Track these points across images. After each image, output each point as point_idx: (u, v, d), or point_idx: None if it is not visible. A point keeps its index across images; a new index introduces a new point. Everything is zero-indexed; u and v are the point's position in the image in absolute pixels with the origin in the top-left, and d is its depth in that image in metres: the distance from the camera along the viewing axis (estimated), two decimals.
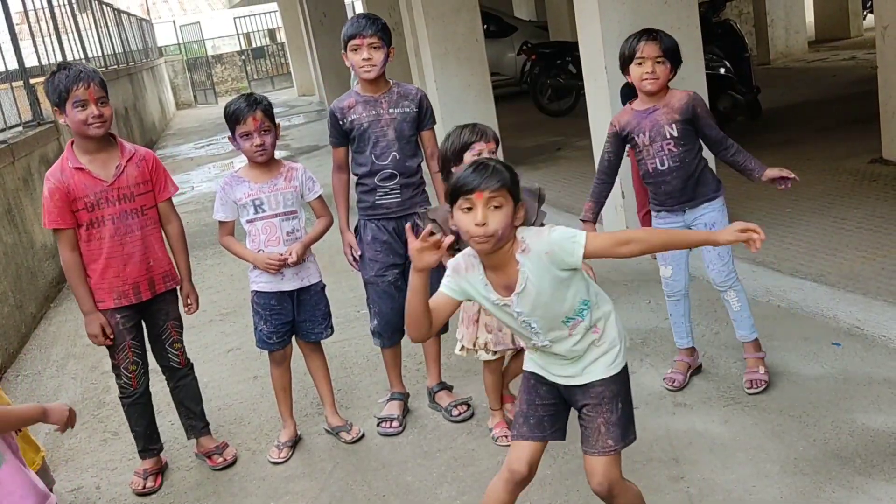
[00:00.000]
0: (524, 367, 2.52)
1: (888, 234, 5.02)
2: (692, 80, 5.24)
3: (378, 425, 3.70)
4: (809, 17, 15.20)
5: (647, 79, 3.35)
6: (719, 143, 3.48)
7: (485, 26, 9.15)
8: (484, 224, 2.15)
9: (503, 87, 13.43)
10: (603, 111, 5.49)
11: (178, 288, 3.56)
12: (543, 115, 11.76)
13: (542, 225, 3.43)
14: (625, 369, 2.44)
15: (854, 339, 3.81)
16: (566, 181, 7.77)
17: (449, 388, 3.84)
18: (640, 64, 3.34)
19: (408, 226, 2.36)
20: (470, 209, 2.16)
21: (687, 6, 5.19)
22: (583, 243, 2.23)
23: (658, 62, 3.32)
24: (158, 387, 3.85)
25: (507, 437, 3.34)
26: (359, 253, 3.63)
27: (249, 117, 3.36)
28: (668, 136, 3.39)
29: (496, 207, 2.16)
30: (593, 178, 3.61)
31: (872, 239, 5.00)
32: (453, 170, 3.15)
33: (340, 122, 3.56)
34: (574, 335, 2.35)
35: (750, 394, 3.49)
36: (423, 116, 3.61)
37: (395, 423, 3.67)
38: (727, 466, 3.03)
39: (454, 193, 2.20)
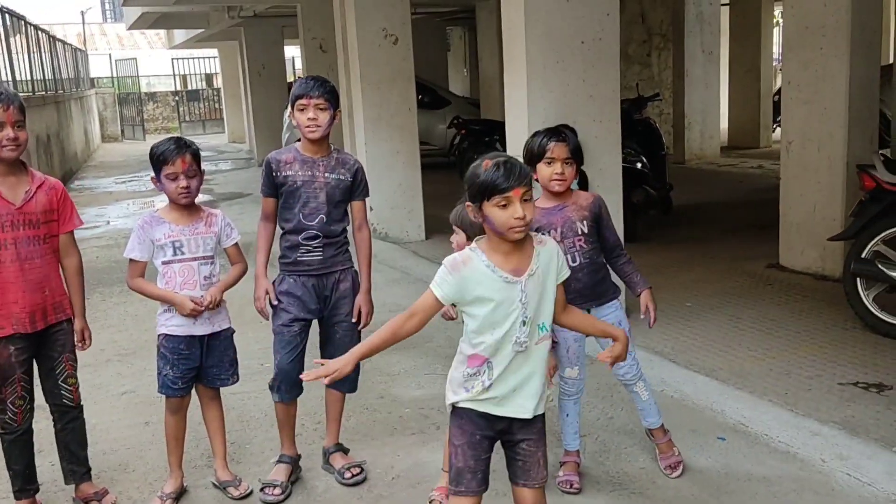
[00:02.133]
0: (462, 406, 2.57)
1: (778, 337, 5.26)
2: (609, 172, 5.47)
3: (261, 490, 3.59)
4: (724, 124, 16.06)
5: (555, 179, 3.38)
6: (615, 248, 3.56)
7: (419, 97, 9.38)
8: (524, 216, 2.38)
9: (431, 156, 13.65)
10: None
11: (70, 321, 3.46)
12: None
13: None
14: None
15: (738, 436, 3.93)
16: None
17: (345, 451, 3.81)
18: (549, 164, 3.38)
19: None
20: (506, 206, 2.38)
21: (610, 101, 5.44)
22: (567, 272, 2.60)
23: (567, 163, 3.38)
24: (42, 424, 3.71)
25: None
26: (275, 303, 3.59)
27: (178, 159, 3.36)
28: (580, 233, 3.44)
29: (526, 200, 2.40)
30: None
31: (763, 340, 5.22)
32: None
33: (274, 174, 3.55)
34: (539, 348, 2.53)
35: (672, 478, 3.57)
36: (356, 187, 3.63)
37: (276, 491, 3.56)
38: None
39: (488, 192, 2.40)
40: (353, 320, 3.66)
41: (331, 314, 3.64)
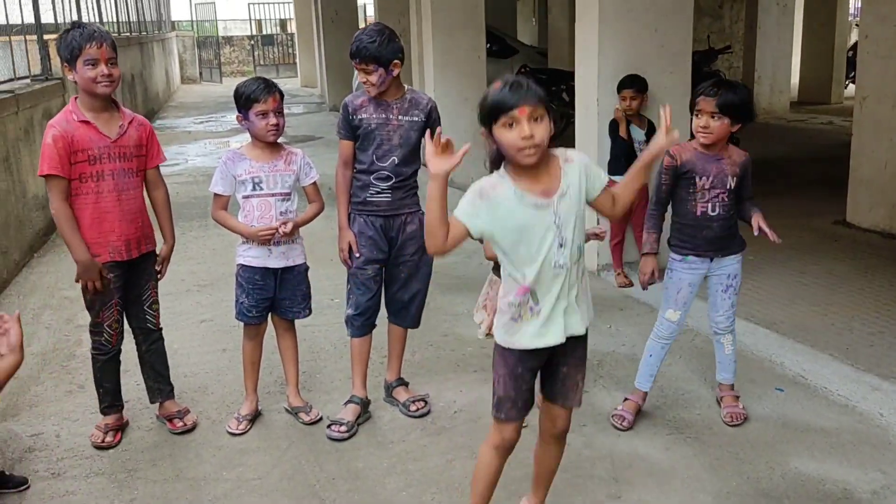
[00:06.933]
0: (503, 344, 2.55)
1: (840, 293, 5.23)
2: (678, 123, 5.39)
3: (328, 427, 3.70)
4: (795, 79, 15.56)
5: (699, 132, 3.40)
6: (747, 202, 3.58)
7: (488, 45, 9.35)
8: (531, 136, 2.29)
9: None
10: (590, 141, 5.68)
11: (154, 252, 3.66)
12: None
13: None
14: None
15: (797, 388, 3.96)
16: None
17: (406, 385, 3.96)
18: (697, 115, 3.41)
19: (427, 133, 2.36)
20: (513, 125, 2.30)
21: (681, 53, 5.39)
22: (606, 179, 2.50)
23: (713, 117, 3.37)
24: (125, 347, 3.93)
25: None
26: (358, 254, 3.67)
27: (270, 97, 3.52)
28: (728, 187, 3.47)
29: (536, 120, 2.31)
30: (650, 211, 3.63)
31: (825, 295, 5.20)
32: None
33: (350, 118, 3.63)
34: (578, 266, 2.49)
35: (731, 426, 3.61)
36: (430, 126, 3.65)
37: (342, 428, 3.64)
38: (663, 492, 3.12)
39: (493, 113, 2.31)
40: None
41: (397, 254, 3.74)
